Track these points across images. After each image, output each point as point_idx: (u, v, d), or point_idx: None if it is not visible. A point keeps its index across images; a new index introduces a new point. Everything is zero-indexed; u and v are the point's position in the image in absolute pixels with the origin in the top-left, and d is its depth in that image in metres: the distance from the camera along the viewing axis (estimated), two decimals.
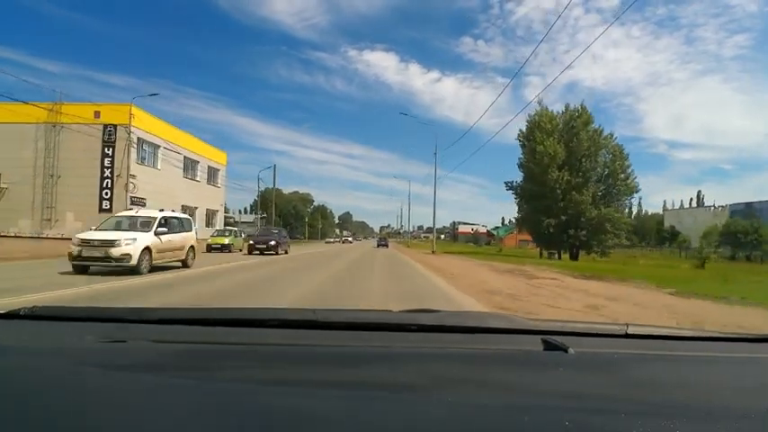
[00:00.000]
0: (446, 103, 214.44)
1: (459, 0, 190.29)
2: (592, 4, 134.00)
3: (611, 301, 8.68)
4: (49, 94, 28.31)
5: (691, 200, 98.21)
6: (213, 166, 41.48)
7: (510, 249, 63.49)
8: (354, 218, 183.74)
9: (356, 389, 0.81)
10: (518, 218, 43.55)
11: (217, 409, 0.69)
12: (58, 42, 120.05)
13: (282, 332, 1.17)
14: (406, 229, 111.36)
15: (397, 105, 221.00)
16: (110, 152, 28.14)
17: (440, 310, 1.37)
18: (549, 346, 1.04)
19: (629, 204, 37.98)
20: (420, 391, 0.82)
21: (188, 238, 14.17)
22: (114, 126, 27.97)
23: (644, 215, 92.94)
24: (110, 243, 11.01)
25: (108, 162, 28.17)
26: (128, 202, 27.73)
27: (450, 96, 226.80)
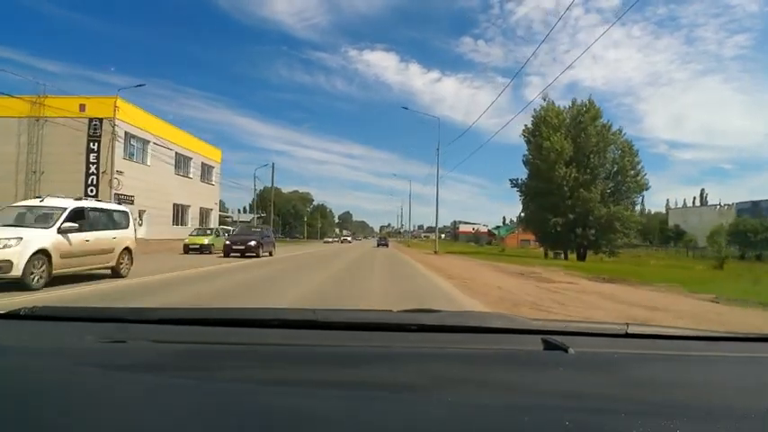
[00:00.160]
0: (446, 103, 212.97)
1: (460, 0, 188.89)
2: (592, 4, 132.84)
3: (651, 311, 7.33)
4: (33, 87, 27.01)
5: (694, 199, 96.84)
6: (207, 163, 40.09)
7: (512, 249, 62.13)
8: (354, 217, 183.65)
9: (356, 389, 0.81)
10: (522, 217, 42.38)
11: (217, 409, 0.69)
12: (57, 42, 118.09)
13: (282, 332, 1.16)
14: (407, 228, 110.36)
15: (397, 105, 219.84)
16: (95, 147, 26.71)
17: (440, 310, 1.36)
18: (550, 345, 1.03)
19: (639, 202, 36.54)
20: (420, 391, 0.82)
21: (121, 237, 10.52)
22: (100, 120, 26.57)
23: (647, 214, 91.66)
24: None
25: (93, 158, 26.75)
26: (112, 200, 26.39)
27: (451, 96, 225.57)
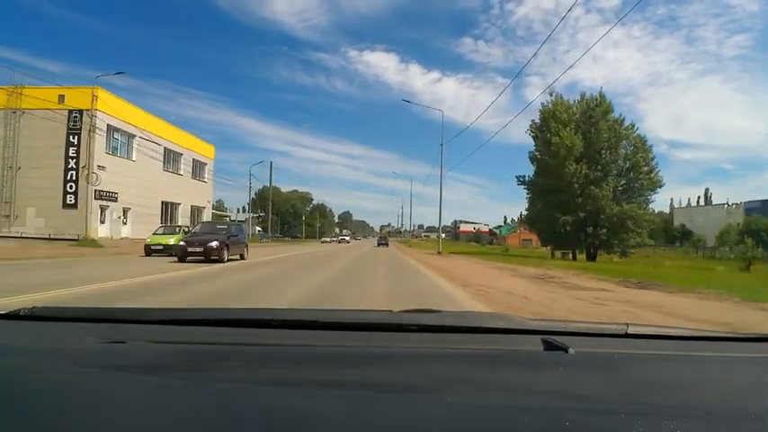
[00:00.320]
0: (446, 104, 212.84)
1: (460, 0, 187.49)
2: (592, 4, 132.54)
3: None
4: (10, 77, 25.28)
5: (699, 198, 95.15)
6: (199, 160, 38.37)
7: (516, 249, 60.49)
8: (354, 217, 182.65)
9: (356, 389, 0.81)
10: (527, 215, 40.65)
11: (216, 409, 0.69)
12: (58, 42, 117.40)
13: (282, 332, 1.15)
14: (407, 228, 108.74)
15: (397, 105, 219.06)
16: (75, 140, 25.03)
17: (440, 310, 1.36)
18: (550, 346, 1.03)
19: (652, 200, 34.60)
20: (420, 392, 0.82)
21: None
22: (80, 111, 24.88)
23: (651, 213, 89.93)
24: None
25: (73, 152, 25.07)
26: (93, 197, 24.66)
27: (451, 96, 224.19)
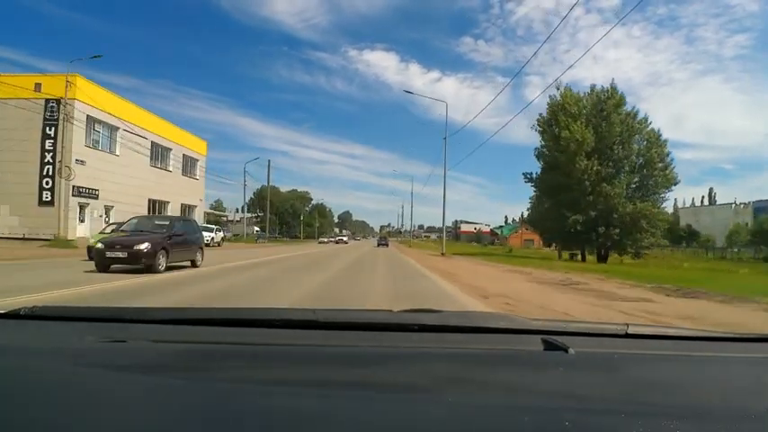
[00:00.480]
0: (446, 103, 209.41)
1: (460, 0, 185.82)
2: (592, 3, 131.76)
3: None
4: None
5: (702, 198, 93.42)
6: (190, 156, 36.58)
7: (519, 249, 58.77)
8: (354, 217, 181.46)
9: (357, 389, 0.81)
10: (531, 215, 39.04)
11: (217, 408, 0.69)
12: (58, 42, 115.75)
13: (283, 332, 1.14)
14: (407, 228, 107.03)
15: (397, 105, 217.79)
16: (52, 132, 23.25)
17: (441, 310, 1.35)
18: (550, 346, 1.03)
19: (667, 198, 32.90)
20: (420, 391, 0.81)
21: None
22: (57, 100, 23.09)
23: None
24: None
25: (50, 144, 23.29)
26: (70, 193, 22.89)
27: (451, 96, 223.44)
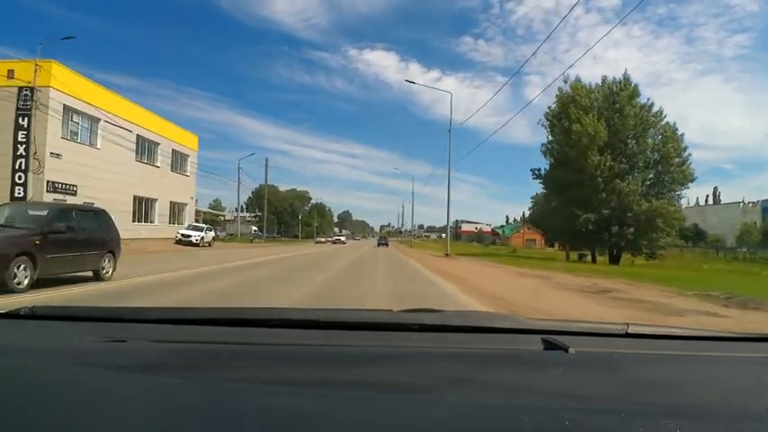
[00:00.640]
0: (446, 103, 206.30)
1: (460, 0, 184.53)
2: (592, 3, 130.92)
3: None
4: None
5: (707, 197, 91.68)
6: (180, 151, 34.75)
7: (522, 250, 57.03)
8: (354, 217, 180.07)
9: (357, 389, 0.80)
10: (536, 213, 37.54)
11: (217, 408, 0.69)
12: (58, 42, 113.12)
13: (283, 332, 1.14)
14: (407, 228, 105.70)
15: (397, 105, 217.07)
16: (25, 123, 21.42)
17: (441, 310, 1.34)
18: (550, 345, 1.02)
19: (683, 195, 31.00)
20: (421, 391, 0.81)
21: None
22: (31, 89, 21.29)
23: None
24: None
25: (23, 136, 21.42)
26: (44, 189, 21.12)
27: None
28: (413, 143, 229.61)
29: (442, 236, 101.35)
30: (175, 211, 34.28)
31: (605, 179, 28.04)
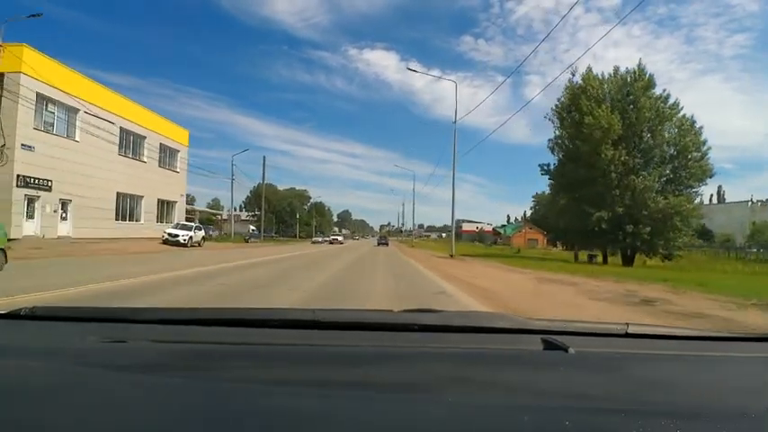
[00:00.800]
0: (446, 102, 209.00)
1: None
2: (592, 3, 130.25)
3: None
4: None
5: (711, 196, 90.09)
6: (168, 145, 33.04)
7: (526, 250, 55.45)
8: (354, 216, 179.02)
9: (357, 389, 0.81)
10: (536, 212, 35.86)
11: (217, 408, 0.69)
12: (57, 42, 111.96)
13: (283, 332, 1.14)
14: (408, 227, 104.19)
15: (397, 104, 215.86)
16: None
17: (441, 310, 1.34)
18: (550, 345, 1.02)
19: (702, 192, 29.13)
20: (421, 391, 0.82)
21: None
22: (1, 75, 19.61)
23: None
24: None
25: None
26: (13, 183, 19.42)
27: (451, 95, 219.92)
28: (413, 143, 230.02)
29: (443, 235, 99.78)
30: (164, 209, 32.58)
31: (619, 175, 26.39)
